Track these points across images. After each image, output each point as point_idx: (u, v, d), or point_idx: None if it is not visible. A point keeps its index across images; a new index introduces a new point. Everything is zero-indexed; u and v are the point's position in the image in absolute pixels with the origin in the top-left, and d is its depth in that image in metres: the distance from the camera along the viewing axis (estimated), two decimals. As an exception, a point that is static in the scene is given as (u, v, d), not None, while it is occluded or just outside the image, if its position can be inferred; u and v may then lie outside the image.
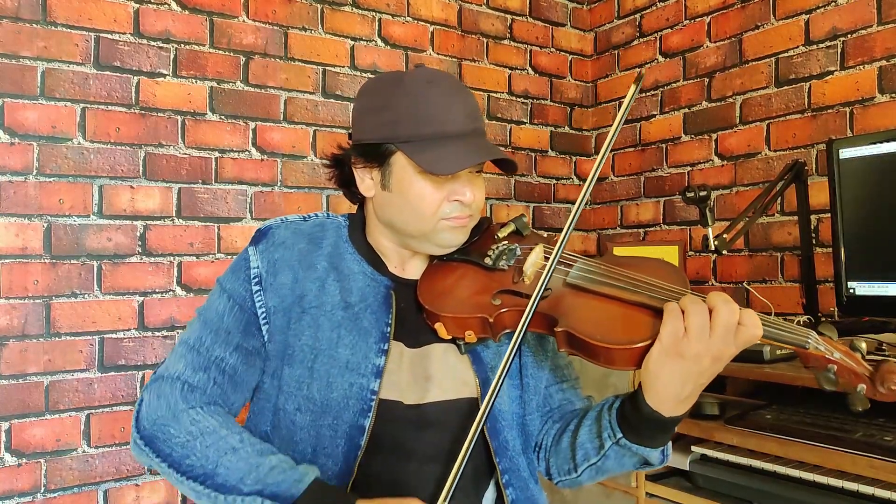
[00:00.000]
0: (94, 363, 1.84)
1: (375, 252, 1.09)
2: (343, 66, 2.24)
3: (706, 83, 2.36)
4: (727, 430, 1.52)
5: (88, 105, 1.85)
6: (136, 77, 1.91)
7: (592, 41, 2.82)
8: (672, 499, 1.67)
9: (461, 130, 0.99)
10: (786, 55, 2.13)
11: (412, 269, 1.10)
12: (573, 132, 2.78)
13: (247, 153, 2.07)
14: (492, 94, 2.56)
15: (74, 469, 1.80)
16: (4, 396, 1.72)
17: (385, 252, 1.09)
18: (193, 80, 1.99)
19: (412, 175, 0.99)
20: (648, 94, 2.55)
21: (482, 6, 2.54)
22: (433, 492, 0.93)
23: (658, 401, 0.89)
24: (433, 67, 1.34)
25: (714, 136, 2.34)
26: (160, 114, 1.95)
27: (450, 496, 0.83)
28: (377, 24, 2.31)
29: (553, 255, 0.93)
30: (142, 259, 1.91)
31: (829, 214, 1.66)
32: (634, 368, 0.89)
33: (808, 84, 2.07)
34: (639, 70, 2.27)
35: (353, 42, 2.26)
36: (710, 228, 1.68)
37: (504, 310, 0.97)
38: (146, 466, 0.98)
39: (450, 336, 1.01)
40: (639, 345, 0.87)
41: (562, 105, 2.75)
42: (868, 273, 1.59)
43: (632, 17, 2.65)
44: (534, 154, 2.67)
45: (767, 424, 1.47)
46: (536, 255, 1.01)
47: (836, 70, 2.00)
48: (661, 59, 2.51)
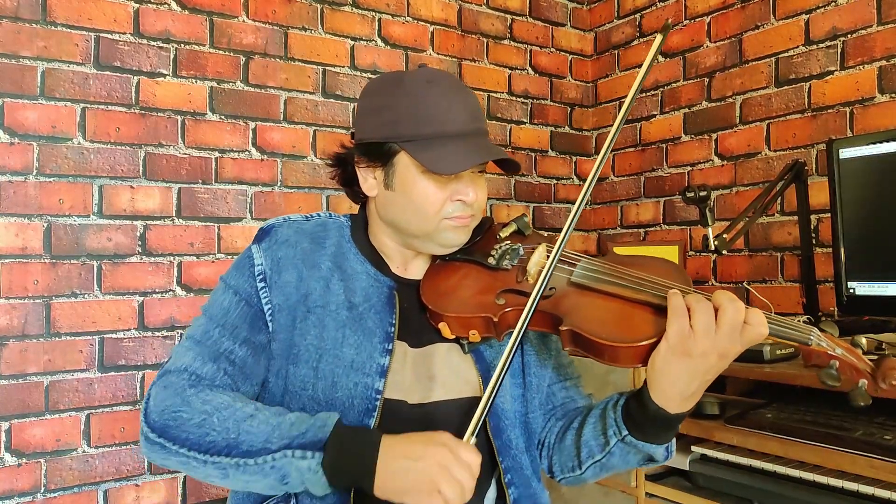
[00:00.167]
0: (94, 363, 1.83)
1: (378, 252, 1.09)
2: (343, 66, 2.24)
3: (706, 83, 2.37)
4: (727, 430, 1.52)
5: (88, 105, 1.85)
6: (136, 77, 1.91)
7: (592, 41, 2.82)
8: (672, 498, 1.67)
9: (462, 130, 0.99)
10: (786, 55, 2.13)
11: (415, 269, 1.10)
12: (573, 132, 2.79)
13: (247, 153, 2.07)
14: (492, 94, 2.56)
15: (74, 469, 1.80)
16: (4, 396, 1.72)
17: (387, 252, 1.09)
18: (193, 80, 1.99)
19: (415, 174, 0.99)
20: (648, 94, 2.56)
21: (482, 6, 2.54)
22: None
23: (664, 398, 0.90)
24: (434, 67, 1.34)
25: (714, 136, 2.34)
26: (160, 114, 1.94)
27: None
28: (377, 24, 2.31)
29: (553, 253, 0.93)
30: (142, 259, 1.91)
31: (829, 214, 1.67)
32: (639, 365, 0.90)
33: (808, 84, 2.07)
34: (667, 19, 2.23)
35: (353, 42, 2.26)
36: (710, 228, 1.68)
37: (508, 309, 0.97)
38: (159, 464, 0.97)
39: (453, 336, 1.02)
40: (644, 343, 0.88)
41: (562, 105, 2.75)
42: (868, 273, 1.60)
43: (632, 17, 2.65)
44: (534, 154, 2.67)
45: (767, 424, 1.47)
46: (539, 255, 1.02)
47: (836, 70, 2.00)
48: (661, 59, 2.51)
